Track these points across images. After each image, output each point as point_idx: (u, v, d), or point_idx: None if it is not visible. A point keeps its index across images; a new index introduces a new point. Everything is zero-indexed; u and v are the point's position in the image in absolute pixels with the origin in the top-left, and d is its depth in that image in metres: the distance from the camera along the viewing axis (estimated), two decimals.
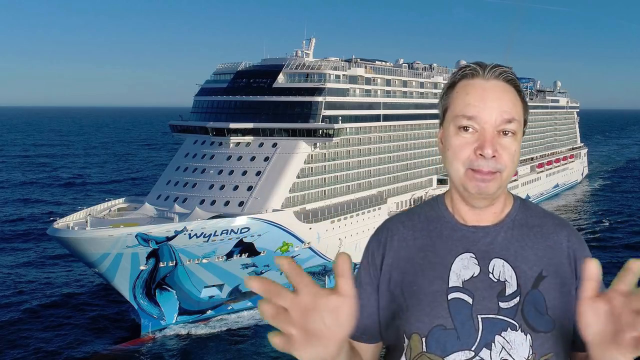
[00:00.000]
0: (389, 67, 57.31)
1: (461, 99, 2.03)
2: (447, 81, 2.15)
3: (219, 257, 36.97)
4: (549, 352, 2.06)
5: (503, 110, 1.99)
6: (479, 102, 1.99)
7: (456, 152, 2.02)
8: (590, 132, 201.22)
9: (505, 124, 1.99)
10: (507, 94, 2.03)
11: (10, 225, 61.39)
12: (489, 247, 2.12)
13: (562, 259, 2.14)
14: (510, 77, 2.06)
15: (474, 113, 1.99)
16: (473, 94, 2.02)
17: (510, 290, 2.07)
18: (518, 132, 2.03)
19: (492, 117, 1.98)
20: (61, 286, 42.74)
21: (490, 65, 2.06)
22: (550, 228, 2.19)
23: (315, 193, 44.49)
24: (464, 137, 2.01)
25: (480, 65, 2.06)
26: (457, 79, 2.08)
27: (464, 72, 2.06)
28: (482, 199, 2.09)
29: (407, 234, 2.21)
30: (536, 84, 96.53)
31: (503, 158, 1.99)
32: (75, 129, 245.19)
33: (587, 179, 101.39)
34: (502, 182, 2.05)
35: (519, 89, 2.08)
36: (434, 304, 2.07)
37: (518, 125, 2.03)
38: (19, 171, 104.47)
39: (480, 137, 1.99)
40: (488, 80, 2.03)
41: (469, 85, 2.04)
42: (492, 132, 1.98)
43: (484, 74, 2.03)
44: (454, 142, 2.03)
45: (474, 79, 2.04)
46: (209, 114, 46.51)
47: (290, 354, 1.54)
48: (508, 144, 2.00)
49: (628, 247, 54.21)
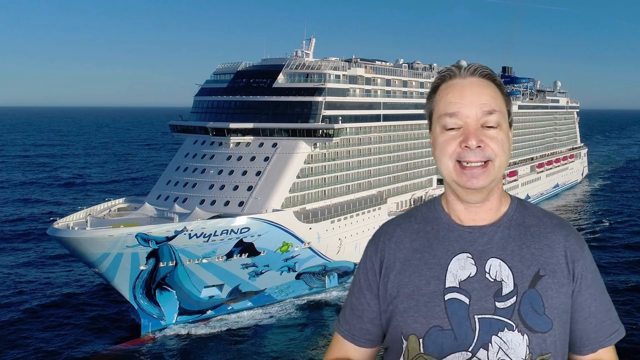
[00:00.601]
0: (389, 67, 57.31)
1: (443, 99, 2.12)
2: (429, 88, 2.24)
3: (219, 257, 36.95)
4: (547, 352, 2.06)
5: (482, 104, 2.07)
6: (459, 99, 2.08)
7: (443, 148, 2.10)
8: (590, 132, 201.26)
9: (486, 116, 2.07)
10: (485, 88, 2.11)
11: (10, 225, 61.38)
12: (486, 247, 2.13)
13: (559, 258, 2.14)
14: (485, 72, 2.14)
15: (456, 109, 2.07)
16: (452, 92, 2.11)
17: (507, 290, 2.08)
18: (502, 124, 2.10)
19: (472, 112, 2.06)
20: (61, 286, 42.72)
21: (467, 65, 2.16)
22: (548, 228, 2.20)
23: (315, 193, 44.48)
24: (450, 134, 2.09)
25: (457, 66, 2.17)
26: (437, 83, 2.18)
27: (443, 75, 2.17)
28: (475, 192, 2.11)
29: (404, 236, 2.24)
30: (536, 84, 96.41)
31: (490, 147, 2.05)
32: (75, 129, 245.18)
33: (587, 179, 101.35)
34: (494, 174, 2.08)
35: (497, 83, 2.15)
36: (431, 304, 2.09)
37: (500, 116, 2.10)
38: (19, 171, 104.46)
39: (465, 132, 2.06)
40: (465, 79, 2.12)
41: (449, 86, 2.13)
42: (475, 125, 2.06)
43: (460, 74, 2.13)
44: (440, 140, 2.11)
45: (453, 79, 2.14)
46: (209, 114, 46.49)
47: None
48: (494, 134, 2.07)
49: (628, 247, 54.17)
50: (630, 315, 36.00)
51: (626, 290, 41.46)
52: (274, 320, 37.86)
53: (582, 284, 2.16)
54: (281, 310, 39.45)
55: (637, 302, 39.47)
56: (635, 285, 42.83)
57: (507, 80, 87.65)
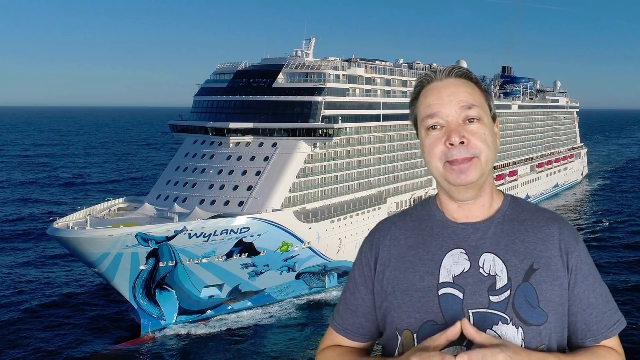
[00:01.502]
0: (389, 67, 57.33)
1: (423, 104, 2.20)
2: (410, 97, 2.31)
3: (219, 257, 36.96)
4: (542, 345, 2.08)
5: (460, 100, 2.13)
6: (437, 100, 2.15)
7: (430, 150, 2.16)
8: (590, 132, 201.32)
9: (466, 110, 2.13)
10: (461, 87, 2.17)
11: (10, 225, 61.38)
12: (480, 243, 2.16)
13: (553, 251, 2.16)
14: (461, 72, 2.21)
15: (436, 110, 2.14)
16: (431, 95, 2.18)
17: (501, 284, 2.10)
18: (484, 118, 2.15)
19: (452, 110, 2.13)
20: (61, 286, 42.73)
21: (442, 68, 2.24)
22: (541, 222, 2.22)
23: (315, 193, 44.49)
24: (434, 135, 2.15)
25: (434, 70, 2.26)
26: (418, 90, 2.25)
27: (421, 82, 2.25)
28: (466, 189, 2.15)
29: (399, 233, 2.28)
30: (536, 84, 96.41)
31: (473, 143, 2.10)
32: (75, 129, 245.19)
33: (587, 179, 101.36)
34: (482, 168, 2.13)
35: (474, 80, 2.22)
36: (425, 299, 2.11)
37: (481, 111, 2.15)
38: (19, 171, 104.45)
39: (447, 130, 2.12)
40: (442, 81, 2.19)
41: (428, 91, 2.21)
42: (456, 123, 2.12)
43: (437, 77, 2.21)
44: (426, 143, 2.18)
45: (431, 84, 2.21)
46: (209, 114, 46.50)
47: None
48: (476, 129, 2.12)
49: (628, 247, 54.16)
50: (630, 315, 35.98)
51: (626, 290, 41.45)
52: (274, 320, 37.87)
53: (577, 276, 2.18)
54: (281, 310, 39.46)
55: (637, 302, 39.46)
56: (635, 285, 42.82)
57: (507, 80, 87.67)
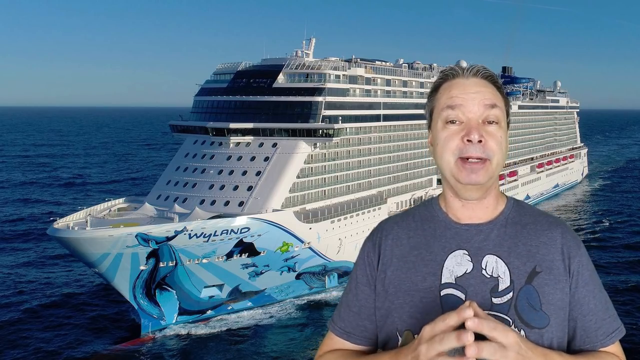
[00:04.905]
0: (389, 67, 57.30)
1: (445, 95, 2.15)
2: (429, 88, 2.29)
3: (219, 257, 36.96)
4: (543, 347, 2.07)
5: (485, 98, 2.11)
6: (462, 94, 2.11)
7: (445, 143, 2.11)
8: (590, 132, 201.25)
9: (488, 109, 2.10)
10: (486, 87, 2.15)
11: (10, 225, 61.37)
12: (482, 244, 2.15)
13: (555, 255, 2.16)
14: (488, 74, 2.18)
15: (459, 102, 2.10)
16: (456, 89, 2.14)
17: (503, 286, 2.09)
18: (502, 121, 2.13)
19: (475, 107, 2.09)
20: (61, 286, 42.72)
21: (469, 66, 2.20)
22: (544, 225, 2.22)
23: (315, 193, 44.49)
24: (451, 128, 2.10)
25: (459, 67, 2.20)
26: (439, 83, 2.21)
27: (445, 74, 2.20)
28: (474, 189, 2.13)
29: (402, 233, 2.25)
30: (536, 84, 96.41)
31: (490, 144, 2.08)
32: (75, 129, 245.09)
33: (587, 179, 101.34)
34: (492, 171, 2.11)
35: (498, 85, 2.19)
36: (426, 300, 2.10)
37: (501, 113, 2.13)
38: (19, 171, 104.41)
39: (467, 126, 2.08)
40: (468, 78, 2.16)
41: (452, 84, 2.16)
42: (476, 120, 2.09)
43: (463, 74, 2.17)
44: (442, 136, 2.12)
45: (455, 79, 2.17)
46: (209, 114, 46.50)
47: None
48: (494, 131, 2.09)
49: (628, 247, 54.09)
50: (631, 315, 36.00)
51: (626, 290, 41.42)
52: (274, 320, 37.87)
53: (578, 281, 2.17)
54: (281, 310, 39.46)
55: (637, 302, 39.46)
56: (635, 285, 42.79)
57: (507, 80, 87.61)
